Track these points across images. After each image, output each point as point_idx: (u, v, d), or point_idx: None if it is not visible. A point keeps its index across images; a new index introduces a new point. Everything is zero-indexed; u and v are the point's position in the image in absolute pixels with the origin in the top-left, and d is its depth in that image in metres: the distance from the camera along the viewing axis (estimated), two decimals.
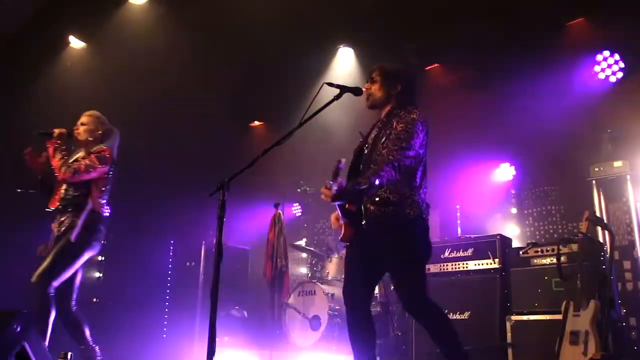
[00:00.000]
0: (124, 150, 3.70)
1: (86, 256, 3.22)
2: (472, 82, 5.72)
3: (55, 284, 3.10)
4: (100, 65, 6.38)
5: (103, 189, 3.32)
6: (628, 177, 4.43)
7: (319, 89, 2.55)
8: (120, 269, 6.13)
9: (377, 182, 2.26)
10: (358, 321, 2.52)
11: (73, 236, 3.12)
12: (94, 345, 3.26)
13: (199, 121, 6.53)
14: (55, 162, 3.18)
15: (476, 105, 5.38)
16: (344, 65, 6.55)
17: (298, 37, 5.92)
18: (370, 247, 2.49)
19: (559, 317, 3.41)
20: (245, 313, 5.74)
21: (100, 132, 3.41)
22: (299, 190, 5.57)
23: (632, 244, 4.29)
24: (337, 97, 2.56)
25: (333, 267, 5.01)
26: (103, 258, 6.64)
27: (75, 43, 6.62)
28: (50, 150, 3.25)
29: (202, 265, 5.85)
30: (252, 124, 7.94)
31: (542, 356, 3.50)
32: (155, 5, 6.20)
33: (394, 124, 2.52)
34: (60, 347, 4.00)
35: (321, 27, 5.94)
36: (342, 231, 2.54)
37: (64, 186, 3.25)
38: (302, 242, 5.55)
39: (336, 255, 5.10)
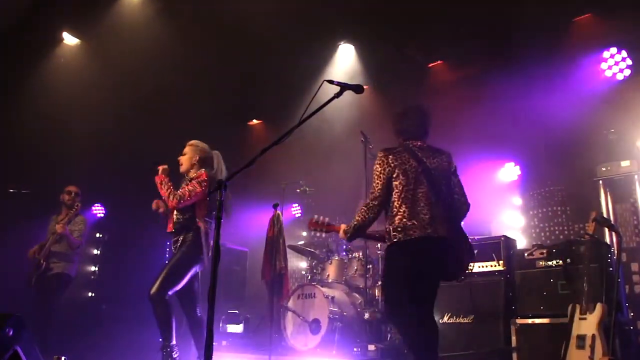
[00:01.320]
0: (120, 149, 3.67)
1: (195, 269, 3.63)
2: (475, 80, 5.64)
3: (170, 292, 3.50)
4: (94, 62, 6.30)
5: (205, 207, 3.70)
6: (636, 177, 4.36)
7: (319, 87, 2.48)
8: (116, 269, 6.05)
9: (356, 226, 2.91)
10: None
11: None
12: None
13: (196, 120, 6.45)
14: (164, 193, 3.64)
15: (480, 103, 5.31)
16: (345, 62, 6.48)
17: (297, 33, 5.84)
18: None
19: (565, 320, 3.36)
20: (242, 315, 5.67)
21: (197, 158, 3.81)
22: (298, 190, 5.49)
23: None
24: (338, 95, 2.51)
25: (333, 269, 4.94)
26: (99, 258, 6.58)
27: (69, 39, 6.53)
28: (158, 184, 3.69)
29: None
30: (251, 123, 7.88)
31: None
32: (151, 1, 6.10)
33: None
34: (54, 351, 3.94)
35: (321, 24, 5.86)
36: None
37: (175, 212, 3.70)
38: (302, 244, 5.47)
39: (336, 257, 5.03)
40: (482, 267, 4.04)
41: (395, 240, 2.75)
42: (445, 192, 2.85)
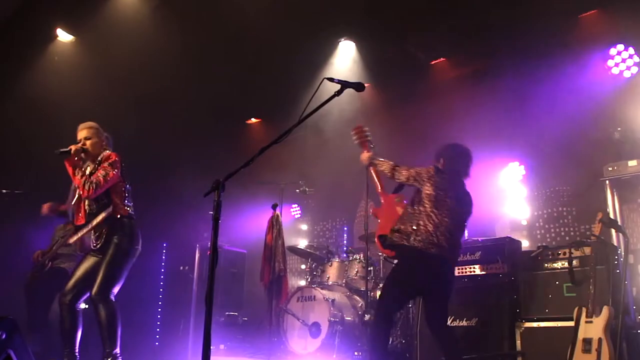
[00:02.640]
0: (116, 149, 3.62)
1: (131, 261, 3.44)
2: (478, 78, 5.59)
3: (115, 291, 3.31)
4: (89, 60, 6.21)
5: (122, 191, 3.43)
6: None
7: (319, 85, 2.45)
8: None
9: (377, 164, 3.50)
10: None
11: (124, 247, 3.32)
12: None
13: (193, 119, 6.39)
14: (77, 180, 3.28)
15: (483, 102, 5.26)
16: (345, 59, 6.41)
17: (297, 30, 5.77)
18: None
19: (570, 324, 3.30)
20: (242, 319, 5.61)
21: (104, 141, 3.54)
22: (298, 190, 5.42)
23: None
24: (338, 93, 2.46)
25: (334, 271, 4.87)
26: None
27: (63, 36, 6.43)
28: (70, 169, 3.33)
29: (196, 269, 5.72)
30: (249, 122, 7.82)
31: None
32: None
33: None
34: (51, 353, 3.86)
35: (321, 20, 5.79)
36: None
37: (87, 201, 3.35)
38: (302, 245, 5.41)
39: (337, 259, 4.98)
40: (486, 268, 3.96)
41: (416, 245, 3.10)
42: (460, 225, 3.28)
